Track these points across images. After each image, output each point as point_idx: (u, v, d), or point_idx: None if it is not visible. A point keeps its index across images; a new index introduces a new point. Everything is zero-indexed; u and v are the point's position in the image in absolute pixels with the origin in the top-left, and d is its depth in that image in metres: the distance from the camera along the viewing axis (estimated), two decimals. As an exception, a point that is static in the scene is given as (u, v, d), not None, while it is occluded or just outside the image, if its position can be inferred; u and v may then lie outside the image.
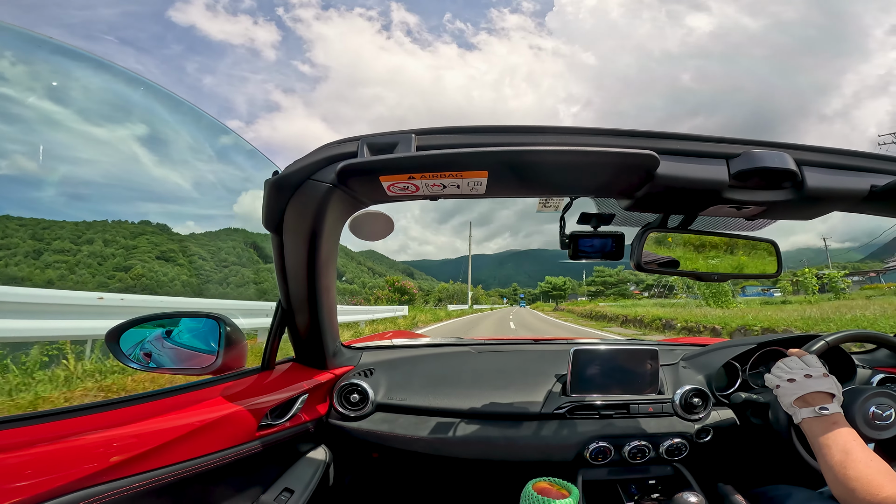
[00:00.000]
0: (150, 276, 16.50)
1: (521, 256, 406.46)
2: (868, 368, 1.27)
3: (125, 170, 10.81)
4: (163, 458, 0.68)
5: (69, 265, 16.34)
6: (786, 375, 0.86)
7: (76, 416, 0.65)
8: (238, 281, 13.32)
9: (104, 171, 10.26)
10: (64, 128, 10.07)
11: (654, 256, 0.83)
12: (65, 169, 12.08)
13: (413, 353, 1.41)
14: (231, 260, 11.49)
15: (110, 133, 9.61)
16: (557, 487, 0.91)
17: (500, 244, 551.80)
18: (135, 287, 14.81)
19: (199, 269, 15.25)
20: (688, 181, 0.68)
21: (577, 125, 0.73)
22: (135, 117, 9.23)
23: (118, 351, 0.85)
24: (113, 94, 6.23)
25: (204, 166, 12.10)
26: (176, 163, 11.01)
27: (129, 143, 10.29)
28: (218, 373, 0.91)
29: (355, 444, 1.17)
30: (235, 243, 15.35)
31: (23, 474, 0.52)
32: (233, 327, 0.95)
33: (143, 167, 11.60)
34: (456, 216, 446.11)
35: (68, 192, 14.17)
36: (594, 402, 1.15)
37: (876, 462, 0.68)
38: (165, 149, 11.02)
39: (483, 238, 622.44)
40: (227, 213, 21.95)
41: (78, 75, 4.13)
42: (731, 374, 1.30)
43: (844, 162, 0.72)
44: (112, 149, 9.78)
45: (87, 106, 7.60)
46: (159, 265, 18.00)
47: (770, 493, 1.01)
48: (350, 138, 0.69)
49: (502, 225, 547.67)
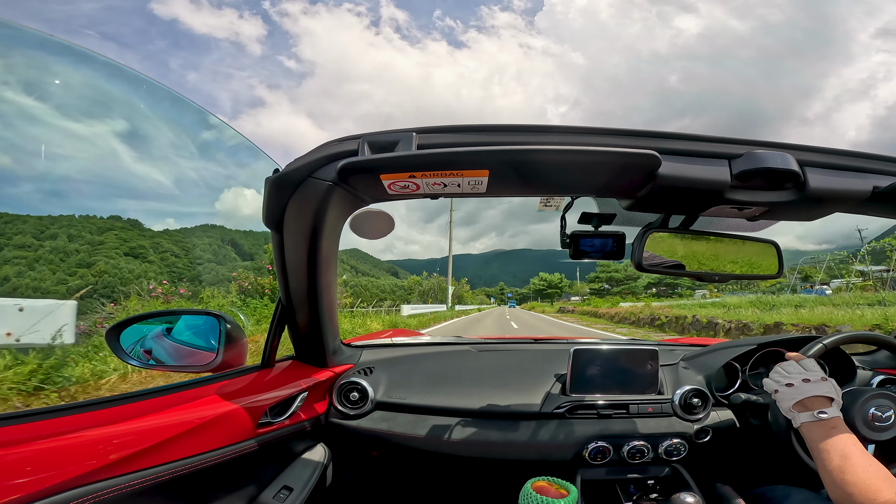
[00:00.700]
0: (114, 273, 16.03)
1: (507, 256, 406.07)
2: (868, 370, 1.27)
3: (103, 166, 10.64)
4: (162, 455, 0.68)
5: (28, 261, 15.76)
6: (784, 380, 0.86)
7: (75, 413, 0.65)
8: (211, 279, 12.89)
9: (83, 167, 10.14)
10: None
11: (655, 257, 0.83)
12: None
13: (413, 352, 1.41)
14: (206, 257, 11.14)
15: (89, 129, 9.47)
16: (556, 487, 0.91)
17: (485, 244, 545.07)
18: (95, 284, 14.30)
19: (170, 266, 14.87)
20: (689, 181, 0.68)
21: (578, 125, 0.73)
22: (120, 112, 9.13)
23: (118, 347, 0.85)
24: (96, 89, 6.15)
25: (208, 164, 12.00)
26: (168, 159, 10.89)
27: (108, 139, 10.18)
28: (218, 370, 0.91)
29: (355, 443, 1.18)
30: (212, 240, 15.04)
31: (22, 471, 0.52)
32: (233, 325, 0.95)
33: (122, 162, 11.42)
34: (442, 215, 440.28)
35: (57, 189, 13.92)
36: (594, 402, 1.15)
37: (874, 467, 0.68)
38: (146, 144, 10.86)
39: (468, 238, 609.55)
40: (210, 209, 21.52)
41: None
42: (731, 374, 1.30)
43: (847, 163, 0.72)
44: (90, 144, 9.61)
45: (69, 102, 7.54)
46: (125, 262, 17.48)
47: (768, 494, 1.01)
48: (351, 136, 0.69)
49: (488, 225, 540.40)
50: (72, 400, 2.85)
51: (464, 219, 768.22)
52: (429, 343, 1.57)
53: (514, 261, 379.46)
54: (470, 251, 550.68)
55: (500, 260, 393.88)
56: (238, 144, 11.77)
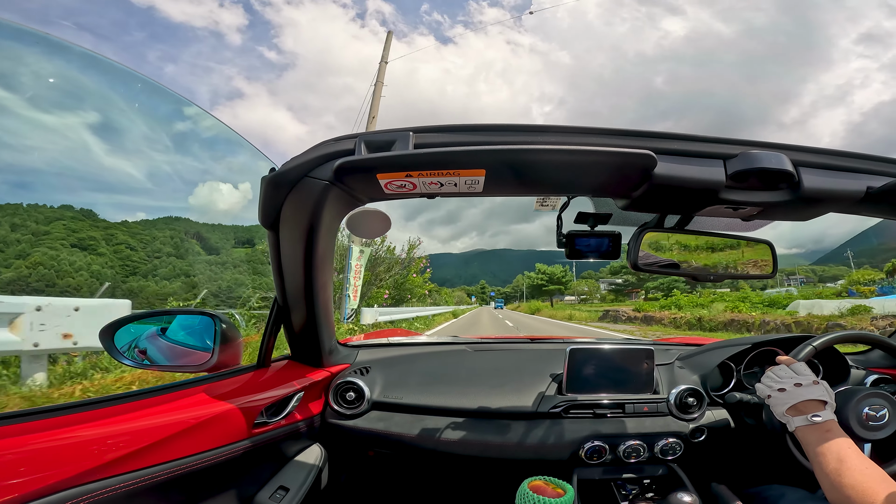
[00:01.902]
0: (50, 265, 15.00)
1: (488, 256, 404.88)
2: (861, 369, 1.28)
3: (73, 158, 10.19)
4: (157, 455, 0.68)
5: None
6: (776, 385, 0.86)
7: (70, 413, 0.64)
8: (167, 273, 12.04)
9: (52, 158, 9.73)
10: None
11: (651, 256, 0.83)
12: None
13: (409, 352, 1.41)
14: (166, 251, 10.49)
15: (60, 120, 9.12)
16: (553, 486, 0.91)
17: (466, 243, 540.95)
18: (29, 277, 13.56)
19: (124, 259, 13.68)
20: (685, 181, 0.68)
21: (575, 125, 0.73)
22: (92, 103, 8.83)
23: (112, 347, 0.85)
24: (67, 79, 5.96)
25: (185, 158, 11.58)
26: (143, 152, 10.51)
27: (79, 131, 9.82)
28: (213, 370, 0.91)
29: (351, 443, 1.17)
30: (174, 233, 14.16)
31: (16, 471, 0.52)
32: (228, 325, 0.95)
33: (93, 155, 10.95)
34: (424, 213, 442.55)
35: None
36: (590, 402, 1.15)
37: (871, 469, 0.69)
38: (119, 136, 10.42)
39: (449, 237, 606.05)
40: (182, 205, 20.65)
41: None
42: (726, 374, 1.30)
43: (841, 163, 0.73)
44: (61, 136, 9.24)
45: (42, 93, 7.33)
46: (68, 253, 16.22)
47: (764, 494, 1.02)
48: (348, 136, 0.69)
49: (469, 224, 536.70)
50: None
51: (445, 217, 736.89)
52: (425, 343, 1.57)
53: (495, 261, 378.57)
54: (450, 250, 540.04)
55: (481, 259, 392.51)
56: (218, 136, 11.47)
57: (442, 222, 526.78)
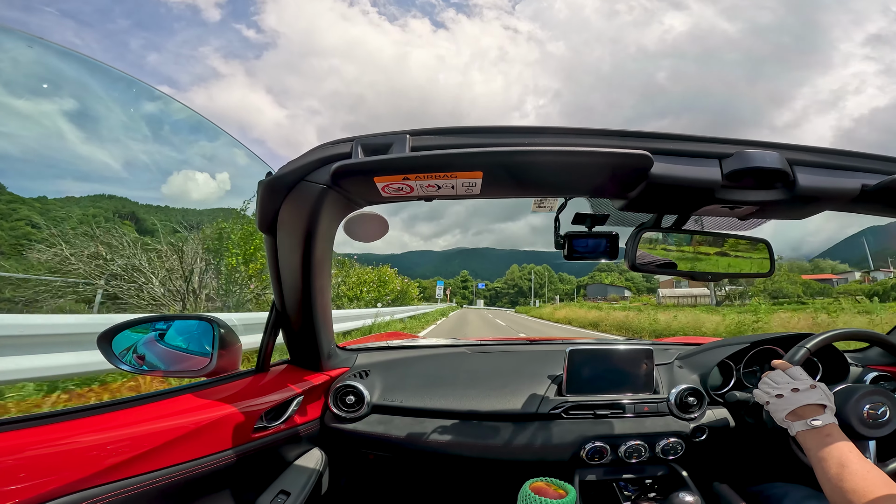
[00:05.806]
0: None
1: (470, 254, 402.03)
2: (861, 367, 1.28)
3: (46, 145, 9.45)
4: (157, 460, 0.67)
5: None
6: (773, 391, 0.86)
7: (70, 419, 0.64)
8: (76, 255, 9.90)
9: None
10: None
11: (649, 256, 0.84)
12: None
13: (408, 354, 1.41)
14: (81, 230, 8.73)
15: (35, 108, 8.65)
16: (554, 487, 0.91)
17: (448, 241, 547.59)
18: None
19: (20, 237, 11.10)
20: (681, 181, 0.68)
21: (571, 126, 0.73)
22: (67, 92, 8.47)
23: (110, 353, 0.84)
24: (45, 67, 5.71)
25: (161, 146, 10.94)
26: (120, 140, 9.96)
27: (55, 119, 9.30)
28: (212, 375, 0.91)
29: (351, 446, 1.17)
30: (98, 211, 12.23)
31: (17, 477, 0.52)
32: (227, 329, 0.95)
33: (69, 144, 10.31)
34: (407, 209, 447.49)
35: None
36: (590, 403, 1.15)
37: (873, 473, 0.68)
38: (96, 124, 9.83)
39: (431, 234, 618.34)
40: None
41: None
42: (726, 373, 1.31)
43: (836, 162, 0.73)
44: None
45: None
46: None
47: (766, 492, 1.02)
48: (344, 139, 0.69)
49: (453, 222, 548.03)
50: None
51: (428, 214, 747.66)
52: (424, 346, 1.57)
53: (477, 259, 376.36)
54: (432, 248, 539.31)
55: (463, 257, 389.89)
56: (195, 123, 11.13)
57: (425, 218, 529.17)
